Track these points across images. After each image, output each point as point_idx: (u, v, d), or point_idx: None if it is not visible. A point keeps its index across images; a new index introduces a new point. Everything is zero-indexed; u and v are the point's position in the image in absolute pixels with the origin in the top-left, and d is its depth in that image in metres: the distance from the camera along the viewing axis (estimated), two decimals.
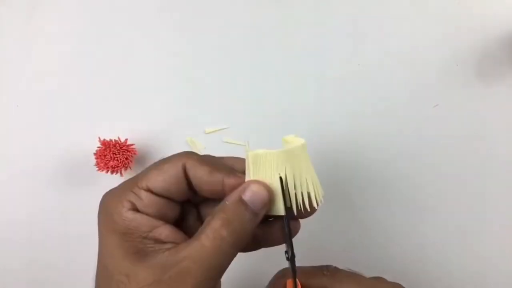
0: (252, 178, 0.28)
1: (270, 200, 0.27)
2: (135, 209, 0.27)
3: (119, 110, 0.46)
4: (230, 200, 0.26)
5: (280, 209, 0.28)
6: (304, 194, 0.28)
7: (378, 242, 0.46)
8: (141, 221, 0.26)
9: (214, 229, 0.25)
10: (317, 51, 0.46)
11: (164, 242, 0.26)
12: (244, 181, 0.27)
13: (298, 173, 0.28)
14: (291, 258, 0.28)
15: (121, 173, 0.43)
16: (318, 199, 0.28)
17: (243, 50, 0.46)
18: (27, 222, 0.46)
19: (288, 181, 0.27)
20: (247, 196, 0.26)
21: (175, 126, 0.46)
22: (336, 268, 0.32)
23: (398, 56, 0.45)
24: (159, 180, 0.27)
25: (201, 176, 0.27)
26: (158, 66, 0.46)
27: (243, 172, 0.28)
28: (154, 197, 0.27)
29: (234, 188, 0.27)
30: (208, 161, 0.28)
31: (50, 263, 0.46)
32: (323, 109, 0.46)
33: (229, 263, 0.26)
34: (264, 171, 0.27)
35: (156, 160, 0.46)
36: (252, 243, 0.30)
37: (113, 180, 0.45)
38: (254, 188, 0.27)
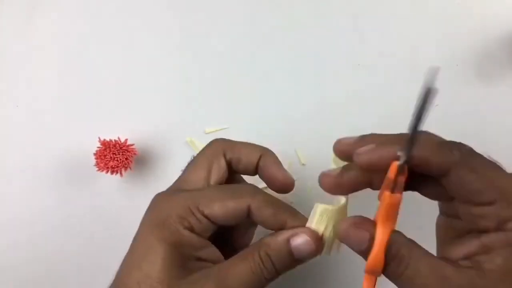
0: (314, 227, 0.28)
1: (315, 253, 0.28)
2: (192, 229, 0.28)
3: (119, 110, 0.46)
4: (279, 238, 0.27)
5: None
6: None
7: None
8: (194, 241, 0.28)
9: (260, 260, 0.27)
10: (317, 51, 0.46)
11: (206, 261, 0.28)
12: (304, 225, 0.28)
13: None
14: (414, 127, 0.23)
15: (121, 173, 0.43)
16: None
17: (243, 50, 0.46)
18: (26, 222, 0.46)
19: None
20: (295, 242, 0.27)
21: (175, 126, 0.46)
22: (471, 150, 0.27)
23: (398, 56, 0.45)
24: (221, 214, 0.28)
25: (266, 218, 0.28)
26: (158, 66, 0.46)
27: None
28: (210, 224, 0.28)
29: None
30: (272, 203, 0.29)
31: (50, 262, 0.46)
32: (323, 109, 0.46)
33: None
34: (325, 224, 0.29)
35: (156, 160, 0.46)
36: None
37: (113, 180, 0.45)
38: (303, 238, 0.27)
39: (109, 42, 0.47)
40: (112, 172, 0.42)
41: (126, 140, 0.44)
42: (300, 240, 0.27)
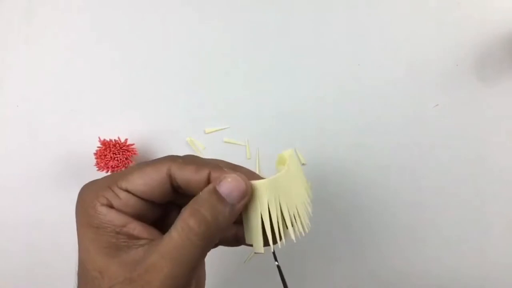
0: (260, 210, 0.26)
1: (248, 192, 0.26)
2: (110, 205, 0.26)
3: (119, 110, 0.46)
4: (204, 190, 0.25)
5: (259, 246, 0.26)
6: (287, 226, 0.27)
7: (377, 247, 0.46)
8: (114, 217, 0.25)
9: (182, 219, 0.24)
10: (317, 51, 0.46)
11: (138, 238, 0.25)
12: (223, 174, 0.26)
13: (285, 203, 0.27)
14: None
15: None
16: (300, 230, 0.27)
17: (243, 50, 0.46)
18: (26, 222, 0.46)
19: (279, 214, 0.26)
20: (222, 187, 0.25)
21: (175, 126, 0.46)
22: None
23: (398, 56, 0.45)
24: (140, 184, 0.26)
25: (187, 176, 0.26)
26: (158, 67, 0.46)
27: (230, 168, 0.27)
28: (133, 198, 0.26)
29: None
30: (193, 161, 0.27)
31: (49, 263, 0.46)
32: (323, 109, 0.46)
33: (200, 257, 0.25)
34: (261, 202, 0.26)
35: None
36: (233, 240, 0.29)
37: None
38: (230, 179, 0.25)
39: (109, 42, 0.47)
40: (112, 172, 0.42)
41: (126, 140, 0.44)
42: (225, 183, 0.25)
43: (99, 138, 0.43)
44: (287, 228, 0.27)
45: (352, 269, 0.46)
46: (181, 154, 0.45)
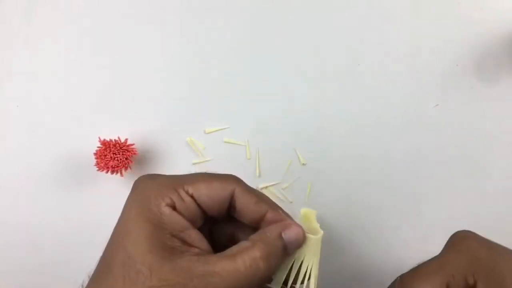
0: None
1: (302, 244, 0.28)
2: (173, 207, 0.27)
3: (119, 110, 0.46)
4: (272, 233, 0.27)
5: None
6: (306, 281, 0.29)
7: (378, 246, 0.46)
8: (176, 220, 0.26)
9: (253, 258, 0.25)
10: (317, 51, 0.46)
11: (191, 246, 0.26)
12: (283, 219, 0.29)
13: (316, 262, 0.29)
14: None
15: (121, 173, 0.43)
16: None
17: (243, 50, 0.46)
18: (26, 222, 0.46)
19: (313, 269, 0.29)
20: (287, 235, 0.27)
21: (175, 126, 0.46)
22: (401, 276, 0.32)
23: (398, 56, 0.45)
24: (205, 195, 0.27)
25: (248, 203, 0.28)
26: (158, 66, 0.46)
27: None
28: (194, 205, 0.27)
29: (274, 222, 0.28)
30: (253, 190, 0.29)
31: (49, 263, 0.46)
32: (323, 108, 0.46)
33: None
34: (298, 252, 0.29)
35: (156, 160, 0.46)
36: None
37: (113, 180, 0.45)
38: (295, 230, 0.28)
39: (110, 42, 0.47)
40: (112, 172, 0.43)
41: (126, 140, 0.44)
42: (290, 232, 0.27)
43: (99, 138, 0.43)
44: (307, 280, 0.29)
45: (353, 267, 0.46)
46: (181, 154, 0.46)
